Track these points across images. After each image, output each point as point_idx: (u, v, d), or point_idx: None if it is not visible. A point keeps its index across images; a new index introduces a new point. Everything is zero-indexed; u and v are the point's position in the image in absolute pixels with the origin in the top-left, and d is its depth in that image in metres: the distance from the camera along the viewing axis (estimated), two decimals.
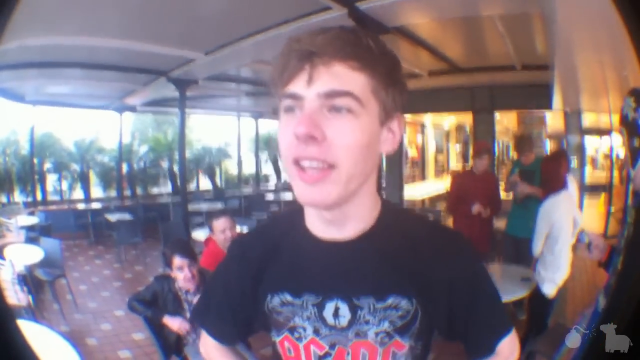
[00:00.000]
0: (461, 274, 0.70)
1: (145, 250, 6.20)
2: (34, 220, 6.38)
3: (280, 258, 0.75)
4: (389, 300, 0.68)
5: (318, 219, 0.71)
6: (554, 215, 2.60)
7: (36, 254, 3.91)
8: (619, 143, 6.58)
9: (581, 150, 6.91)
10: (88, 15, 3.66)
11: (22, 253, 3.91)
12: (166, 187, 10.36)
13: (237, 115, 10.96)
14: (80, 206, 8.25)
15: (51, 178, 9.27)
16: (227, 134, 11.45)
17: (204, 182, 11.17)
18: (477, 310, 0.71)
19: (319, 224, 0.71)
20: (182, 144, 6.72)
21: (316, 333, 0.71)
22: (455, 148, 12.81)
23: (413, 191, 8.72)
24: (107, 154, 9.82)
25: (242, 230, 3.73)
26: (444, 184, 9.23)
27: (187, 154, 7.93)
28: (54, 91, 7.06)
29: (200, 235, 4.52)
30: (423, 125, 11.17)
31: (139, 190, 10.16)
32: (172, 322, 2.24)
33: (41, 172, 8.98)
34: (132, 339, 3.50)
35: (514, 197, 3.67)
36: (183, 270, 2.20)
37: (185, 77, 5.90)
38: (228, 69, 5.95)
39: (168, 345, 2.31)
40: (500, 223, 3.93)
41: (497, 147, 8.00)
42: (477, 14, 3.76)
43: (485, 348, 0.73)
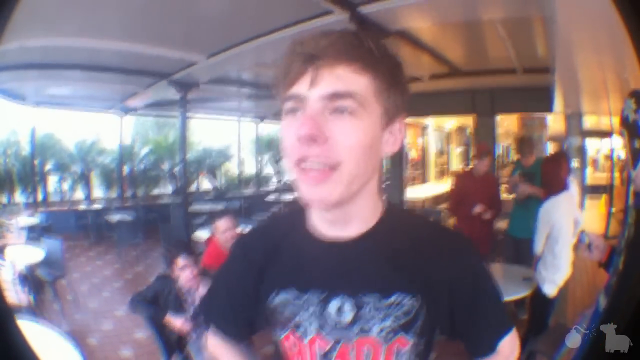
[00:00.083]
0: (462, 274, 0.71)
1: (145, 251, 6.21)
2: (34, 221, 6.39)
3: (282, 257, 0.76)
4: (393, 298, 0.68)
5: (321, 219, 0.72)
6: (553, 215, 2.61)
7: (37, 254, 3.91)
8: (619, 145, 6.59)
9: (582, 152, 6.90)
10: (89, 17, 3.65)
11: (23, 253, 3.92)
12: (167, 188, 10.34)
13: (238, 118, 10.97)
14: (81, 207, 8.25)
15: (52, 179, 9.26)
16: (227, 136, 11.46)
17: (204, 184, 11.15)
18: (478, 309, 0.72)
19: (322, 224, 0.72)
20: (183, 147, 6.73)
21: (320, 329, 0.71)
22: (456, 150, 12.82)
23: (414, 193, 8.72)
24: (108, 156, 9.81)
25: (243, 230, 3.73)
26: (445, 186, 9.23)
27: (187, 156, 7.92)
28: (55, 93, 7.04)
29: (201, 235, 4.53)
30: (424, 128, 11.18)
31: (140, 192, 10.15)
32: (175, 321, 2.27)
33: (42, 173, 8.98)
34: (132, 338, 3.51)
35: (515, 198, 3.68)
36: (186, 270, 2.24)
37: (187, 79, 5.89)
38: (229, 72, 5.94)
39: (170, 343, 2.33)
40: (501, 223, 3.95)
41: (498, 150, 7.98)
42: (478, 18, 3.77)
43: (485, 347, 0.74)
